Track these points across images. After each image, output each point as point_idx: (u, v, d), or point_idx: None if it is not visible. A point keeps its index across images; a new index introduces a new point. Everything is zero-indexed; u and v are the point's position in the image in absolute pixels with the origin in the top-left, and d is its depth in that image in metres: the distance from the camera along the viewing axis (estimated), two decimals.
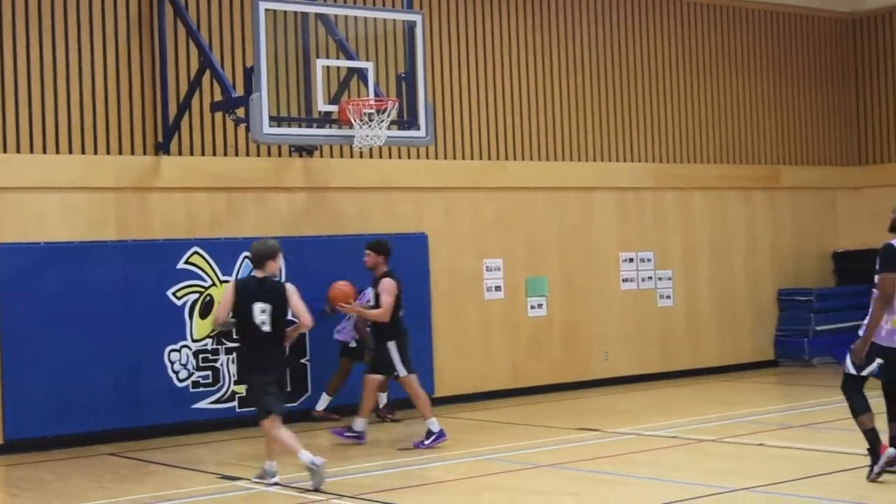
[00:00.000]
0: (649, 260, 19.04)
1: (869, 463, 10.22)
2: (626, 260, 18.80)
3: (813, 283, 20.92)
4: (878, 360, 10.14)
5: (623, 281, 18.77)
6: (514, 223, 17.70)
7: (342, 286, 14.02)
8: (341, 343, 15.16)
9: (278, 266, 11.59)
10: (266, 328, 11.15)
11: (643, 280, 18.95)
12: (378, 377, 13.38)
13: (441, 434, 13.15)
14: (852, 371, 10.30)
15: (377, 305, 13.23)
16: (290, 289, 11.37)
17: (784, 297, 20.63)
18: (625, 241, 18.83)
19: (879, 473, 10.09)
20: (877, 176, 21.66)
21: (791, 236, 21.01)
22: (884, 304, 10.06)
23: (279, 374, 11.38)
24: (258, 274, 11.37)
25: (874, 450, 10.18)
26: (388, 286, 13.20)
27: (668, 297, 19.25)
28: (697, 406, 15.91)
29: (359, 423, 13.38)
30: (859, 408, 10.28)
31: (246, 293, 11.20)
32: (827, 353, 20.34)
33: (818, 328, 20.27)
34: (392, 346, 13.19)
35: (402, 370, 13.22)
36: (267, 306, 11.15)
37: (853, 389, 10.35)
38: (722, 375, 19.40)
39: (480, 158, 17.47)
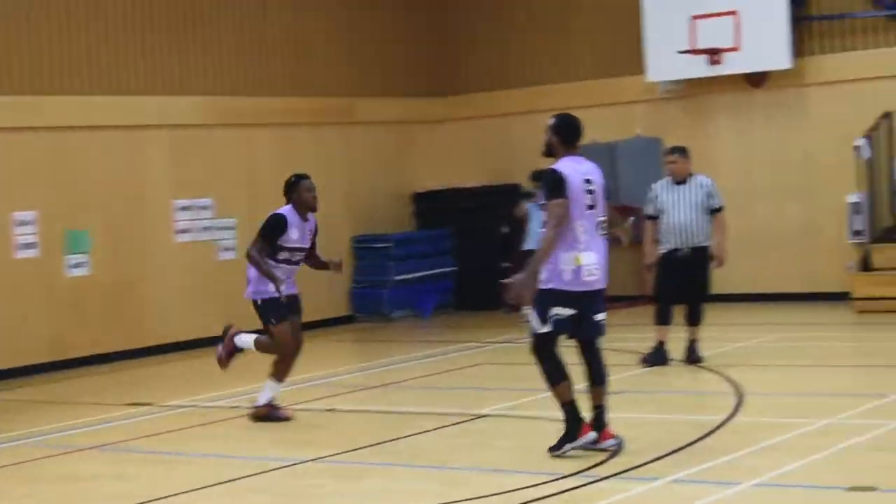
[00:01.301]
0: (207, 207, 18.96)
1: (559, 437, 9.53)
2: (181, 208, 18.65)
3: (391, 228, 21.24)
4: (561, 310, 9.30)
5: (178, 232, 18.62)
6: (49, 170, 17.20)
7: None
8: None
9: None
10: None
11: (201, 230, 18.87)
12: None
13: None
14: (539, 329, 9.46)
15: None
16: None
17: (359, 244, 20.77)
18: (179, 187, 18.62)
19: (569, 449, 9.45)
20: (457, 108, 22.16)
21: (367, 177, 21.21)
22: (558, 235, 9.21)
23: None
24: None
25: (573, 428, 9.45)
26: None
27: (231, 248, 19.08)
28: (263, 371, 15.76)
29: None
30: (555, 375, 9.48)
31: None
32: (407, 306, 20.78)
33: (398, 278, 20.56)
34: None
35: None
36: None
37: (547, 353, 9.50)
38: None
39: (10, 95, 16.80)
